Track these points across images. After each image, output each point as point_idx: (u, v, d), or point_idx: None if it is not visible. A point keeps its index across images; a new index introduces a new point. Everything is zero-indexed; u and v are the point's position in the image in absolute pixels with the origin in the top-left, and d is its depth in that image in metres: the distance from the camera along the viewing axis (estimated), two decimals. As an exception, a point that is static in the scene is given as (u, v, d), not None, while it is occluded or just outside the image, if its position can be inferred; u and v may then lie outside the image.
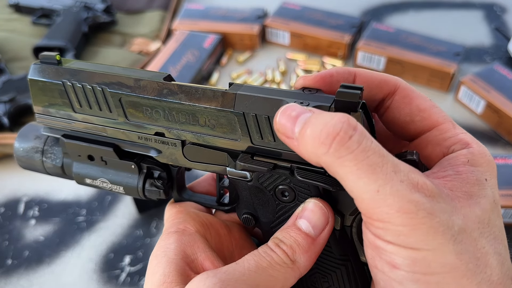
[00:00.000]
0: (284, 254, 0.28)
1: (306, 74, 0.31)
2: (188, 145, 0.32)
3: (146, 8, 1.13)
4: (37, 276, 0.66)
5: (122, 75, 0.31)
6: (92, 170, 0.36)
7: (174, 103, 0.30)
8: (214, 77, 0.96)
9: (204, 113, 0.30)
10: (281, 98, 0.27)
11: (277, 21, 1.02)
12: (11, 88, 0.85)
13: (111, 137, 0.34)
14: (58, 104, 0.34)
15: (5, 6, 1.13)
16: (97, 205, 0.75)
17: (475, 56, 1.00)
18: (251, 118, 0.28)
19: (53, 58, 0.33)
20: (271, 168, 0.29)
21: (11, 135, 0.79)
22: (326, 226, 0.29)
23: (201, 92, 0.29)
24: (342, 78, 0.31)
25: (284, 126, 0.26)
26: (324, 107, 0.26)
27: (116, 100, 0.32)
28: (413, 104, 0.30)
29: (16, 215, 0.74)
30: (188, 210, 0.35)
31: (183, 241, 0.31)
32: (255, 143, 0.29)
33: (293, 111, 0.25)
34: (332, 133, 0.23)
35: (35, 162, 0.38)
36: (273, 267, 0.28)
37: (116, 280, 0.65)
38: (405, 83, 0.31)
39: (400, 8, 1.14)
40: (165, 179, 0.35)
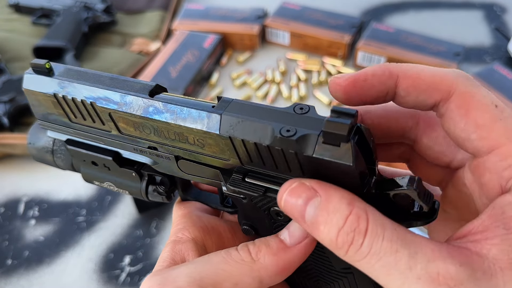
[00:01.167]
0: (246, 251, 0.28)
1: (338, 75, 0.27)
2: (182, 160, 0.31)
3: (146, 8, 1.13)
4: (37, 276, 0.66)
5: (109, 90, 0.30)
6: (98, 173, 0.36)
7: (160, 122, 0.29)
8: (214, 77, 0.96)
9: (191, 133, 0.28)
10: (269, 124, 0.25)
11: (277, 21, 1.02)
12: (11, 88, 0.85)
13: (109, 145, 0.34)
14: (55, 114, 0.34)
15: (5, 6, 1.13)
16: (97, 205, 0.75)
17: (475, 56, 1.00)
18: (238, 142, 0.26)
19: (43, 67, 0.32)
20: (262, 193, 0.28)
21: (11, 135, 0.79)
22: (304, 240, 0.28)
23: (186, 112, 0.28)
24: (379, 82, 0.26)
25: (292, 211, 0.25)
26: (312, 136, 0.24)
27: (106, 115, 0.31)
28: (470, 117, 0.24)
29: (16, 215, 0.74)
30: (191, 214, 0.34)
31: (175, 250, 0.31)
32: (245, 165, 0.28)
33: (299, 198, 0.24)
34: (347, 242, 0.23)
35: (48, 160, 0.38)
36: (226, 262, 0.27)
37: (116, 280, 0.65)
38: (465, 85, 0.24)
39: (400, 8, 1.14)
40: (167, 184, 0.35)
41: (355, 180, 0.24)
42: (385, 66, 0.26)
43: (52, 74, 0.32)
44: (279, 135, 0.24)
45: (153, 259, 0.67)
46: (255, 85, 0.93)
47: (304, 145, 0.24)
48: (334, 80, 0.27)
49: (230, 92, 0.94)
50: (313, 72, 0.96)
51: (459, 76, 0.24)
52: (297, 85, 0.93)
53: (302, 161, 0.25)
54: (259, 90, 0.93)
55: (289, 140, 0.24)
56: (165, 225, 0.72)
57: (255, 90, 0.93)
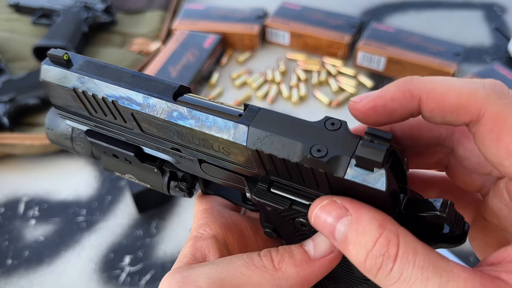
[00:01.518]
0: (269, 259, 0.27)
1: (357, 98, 0.25)
2: (205, 164, 0.30)
3: (146, 8, 1.13)
4: (37, 276, 0.66)
5: (131, 90, 0.29)
6: (119, 165, 0.36)
7: (185, 127, 0.28)
8: (214, 77, 0.96)
9: (216, 141, 0.27)
10: (298, 140, 0.24)
11: (277, 21, 1.02)
12: (11, 88, 0.85)
13: (131, 140, 0.33)
14: (74, 106, 0.32)
15: (5, 6, 1.13)
16: (97, 205, 0.75)
17: (475, 56, 1.00)
18: (266, 156, 0.26)
19: (61, 58, 0.30)
20: (288, 206, 0.27)
21: (11, 135, 0.79)
22: (329, 254, 0.27)
23: (212, 121, 0.27)
24: (400, 106, 0.24)
25: (322, 228, 0.25)
26: (344, 158, 0.23)
27: (128, 114, 0.30)
28: (502, 143, 0.22)
29: (16, 215, 0.74)
30: (213, 209, 0.34)
31: (196, 246, 0.30)
32: (271, 177, 0.27)
33: (329, 216, 0.24)
34: (376, 265, 0.23)
35: (67, 146, 0.38)
36: (248, 266, 0.27)
37: (116, 280, 0.65)
38: (496, 105, 0.22)
39: (400, 8, 1.14)
40: (189, 181, 0.34)
41: (386, 203, 0.24)
42: (405, 85, 0.24)
43: (71, 65, 0.31)
44: (309, 155, 0.24)
45: (153, 259, 0.68)
46: (255, 85, 0.93)
47: (335, 167, 0.23)
48: (353, 104, 0.25)
49: (230, 92, 0.94)
50: (313, 72, 0.96)
51: (490, 94, 0.22)
52: (297, 85, 0.93)
53: (331, 180, 0.24)
54: (259, 90, 0.93)
55: (319, 161, 0.23)
56: (165, 225, 0.72)
57: (255, 90, 0.93)
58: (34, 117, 0.86)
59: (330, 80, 0.94)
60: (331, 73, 0.96)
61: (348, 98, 0.90)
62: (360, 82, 0.94)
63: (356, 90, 0.91)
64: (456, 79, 0.23)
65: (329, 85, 0.94)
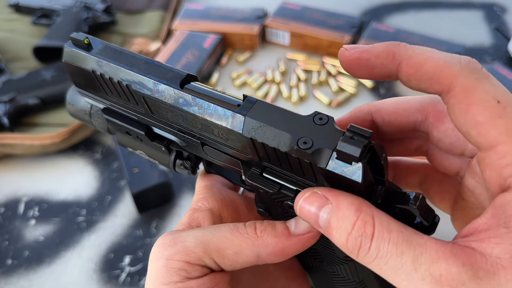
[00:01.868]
0: (252, 228, 0.30)
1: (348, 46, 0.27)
2: (207, 147, 0.33)
3: (146, 8, 1.13)
4: (37, 276, 0.66)
5: (143, 76, 0.32)
6: (132, 142, 0.39)
7: (189, 113, 0.31)
8: (214, 77, 0.96)
9: (216, 127, 0.30)
10: (288, 132, 0.27)
11: (277, 21, 1.02)
12: (11, 88, 0.85)
13: (142, 121, 0.36)
14: (92, 86, 0.35)
15: (5, 6, 1.13)
16: (97, 205, 0.75)
17: (475, 56, 1.00)
18: (259, 144, 0.28)
19: (82, 42, 0.33)
20: (277, 190, 0.30)
21: (11, 135, 0.79)
22: (307, 233, 0.30)
23: (213, 109, 0.30)
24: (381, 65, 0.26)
25: (307, 218, 0.27)
26: (327, 151, 0.25)
27: (140, 97, 0.33)
28: (469, 113, 0.23)
29: (16, 215, 0.74)
30: (212, 186, 0.36)
31: (193, 217, 0.33)
32: (264, 163, 0.30)
33: (312, 206, 0.27)
34: (356, 246, 0.25)
35: (86, 120, 0.41)
36: (232, 232, 0.30)
37: (116, 280, 0.65)
38: (467, 78, 0.24)
39: (400, 8, 1.14)
40: (193, 160, 0.37)
41: (362, 193, 0.26)
42: (391, 47, 0.25)
43: (91, 49, 0.34)
44: (296, 146, 0.26)
45: (153, 259, 0.67)
46: (255, 85, 0.93)
47: (318, 158, 0.26)
48: (342, 51, 0.27)
49: (230, 92, 0.94)
50: (313, 72, 0.96)
51: (464, 69, 0.24)
52: (297, 85, 0.93)
53: (315, 170, 0.27)
54: (259, 90, 0.93)
55: (305, 152, 0.26)
56: (165, 225, 0.72)
57: (255, 90, 0.93)
58: (34, 117, 0.86)
59: (330, 80, 0.94)
60: (331, 73, 0.96)
61: (348, 98, 0.90)
62: (360, 82, 0.94)
63: (356, 90, 0.91)
64: (437, 51, 0.25)
65: (329, 85, 0.94)
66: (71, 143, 0.82)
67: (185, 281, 0.29)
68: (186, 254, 0.29)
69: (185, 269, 0.29)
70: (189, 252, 0.29)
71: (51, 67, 0.90)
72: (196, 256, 0.29)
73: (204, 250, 0.29)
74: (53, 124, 0.83)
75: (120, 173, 0.79)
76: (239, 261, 0.30)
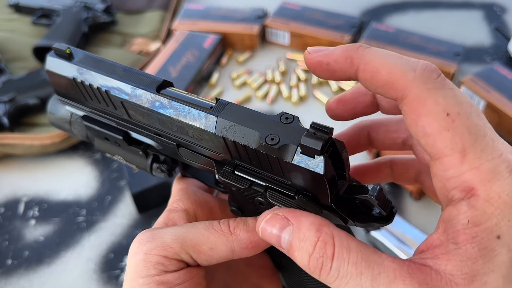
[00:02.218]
0: (226, 225, 0.32)
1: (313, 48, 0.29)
2: (182, 148, 0.35)
3: (146, 8, 1.13)
4: (37, 276, 0.66)
5: (122, 82, 0.34)
6: (110, 147, 0.40)
7: (164, 115, 0.32)
8: (214, 77, 0.96)
9: (190, 128, 0.32)
10: (256, 130, 0.29)
11: (277, 21, 1.02)
12: (11, 88, 0.85)
13: (120, 126, 0.37)
14: (73, 94, 0.37)
15: (5, 6, 1.13)
16: (97, 205, 0.75)
17: (475, 56, 1.00)
18: (230, 142, 0.30)
19: (64, 52, 0.35)
20: (247, 186, 0.31)
21: (11, 135, 0.79)
22: None
23: (187, 111, 0.31)
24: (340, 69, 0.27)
25: (269, 239, 0.28)
26: (292, 146, 0.27)
27: (118, 102, 0.34)
28: (419, 124, 0.23)
29: (16, 215, 0.74)
30: (187, 188, 0.38)
31: (169, 217, 0.35)
32: (235, 161, 0.32)
33: (274, 228, 0.28)
34: (318, 266, 0.25)
35: (66, 129, 0.43)
36: (207, 229, 0.31)
37: (116, 280, 0.65)
38: (419, 88, 0.23)
39: (400, 8, 1.14)
40: (169, 163, 0.39)
41: (324, 185, 0.28)
42: (349, 52, 0.26)
43: (72, 58, 0.36)
44: (264, 142, 0.28)
45: (153, 259, 0.67)
46: (255, 85, 0.93)
47: (284, 153, 0.28)
48: (305, 54, 0.29)
49: (230, 92, 0.94)
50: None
51: (417, 77, 0.24)
52: (297, 85, 0.93)
53: (282, 165, 0.29)
54: (259, 90, 0.93)
55: (272, 147, 0.28)
56: (165, 225, 0.72)
57: (255, 90, 0.93)
58: (34, 117, 0.86)
59: (330, 80, 0.94)
60: (331, 73, 0.96)
61: (348, 98, 0.90)
62: (360, 82, 0.94)
63: (356, 90, 0.91)
64: (396, 56, 0.25)
65: (329, 85, 0.94)
66: (71, 143, 0.82)
67: (162, 274, 0.30)
68: (164, 249, 0.30)
69: (163, 263, 0.30)
70: (167, 247, 0.30)
71: (51, 67, 0.90)
72: (173, 251, 0.30)
73: (181, 245, 0.30)
74: (53, 124, 0.84)
75: (120, 173, 0.79)
76: (215, 256, 0.31)
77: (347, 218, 0.30)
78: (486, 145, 0.22)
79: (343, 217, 0.30)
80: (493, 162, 0.22)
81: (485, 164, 0.22)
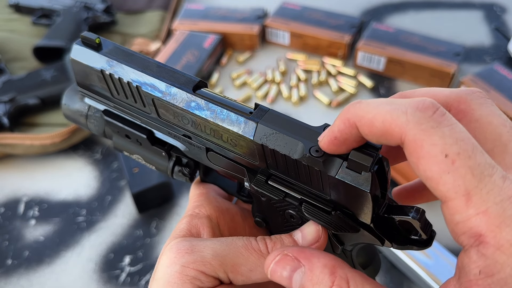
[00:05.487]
0: (264, 244, 0.30)
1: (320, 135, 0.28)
2: (211, 152, 0.33)
3: (146, 8, 1.13)
4: (37, 276, 0.66)
5: (156, 78, 0.32)
6: (129, 145, 0.38)
7: (200, 117, 0.31)
8: (214, 77, 0.96)
9: (226, 132, 0.30)
10: (299, 141, 0.27)
11: (277, 21, 1.02)
12: (11, 88, 0.85)
13: (145, 124, 0.35)
14: (98, 86, 0.35)
15: (5, 6, 1.13)
16: (97, 205, 0.75)
17: (475, 56, 1.00)
18: (269, 150, 0.29)
19: (93, 41, 0.33)
20: (281, 198, 0.30)
21: (11, 135, 0.79)
22: (315, 243, 0.30)
23: (226, 114, 0.30)
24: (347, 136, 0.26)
25: (280, 281, 0.27)
26: (338, 161, 0.26)
27: (149, 99, 0.32)
28: (420, 167, 0.22)
29: (16, 215, 0.74)
30: (208, 193, 0.36)
31: (192, 223, 0.33)
32: (271, 170, 0.30)
33: (284, 270, 0.27)
34: None
35: (80, 123, 0.40)
36: (247, 248, 0.30)
37: (116, 280, 0.65)
38: (414, 131, 0.22)
39: (400, 8, 1.14)
40: (192, 167, 0.37)
41: (368, 203, 0.26)
42: (344, 115, 0.25)
43: (101, 49, 0.33)
44: (308, 154, 0.27)
45: (153, 259, 0.67)
46: (255, 85, 0.93)
47: (329, 166, 0.26)
48: (319, 141, 0.27)
49: (230, 92, 0.94)
50: (313, 72, 0.96)
51: (410, 120, 0.22)
52: (297, 85, 0.93)
53: (324, 179, 0.27)
54: (259, 90, 0.93)
55: (316, 160, 0.27)
56: (165, 225, 0.72)
57: (255, 90, 0.93)
58: (34, 117, 0.86)
59: (330, 80, 0.94)
60: (331, 73, 0.96)
61: (348, 98, 0.90)
62: (360, 82, 0.94)
63: (356, 90, 0.91)
64: (386, 103, 0.24)
65: (329, 85, 0.94)
66: (71, 143, 0.82)
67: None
68: (203, 265, 0.29)
69: (200, 278, 0.29)
70: (206, 263, 0.29)
71: (51, 67, 0.90)
72: (212, 268, 0.29)
73: (220, 263, 0.29)
74: (53, 124, 0.83)
75: (120, 173, 0.79)
76: (252, 277, 0.30)
77: (384, 239, 0.28)
78: (493, 186, 0.21)
79: (380, 237, 0.28)
80: (502, 205, 0.20)
81: (493, 208, 0.20)
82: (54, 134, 0.80)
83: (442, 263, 0.60)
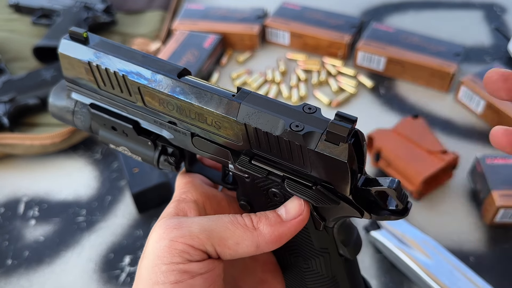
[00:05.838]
0: (249, 220, 0.32)
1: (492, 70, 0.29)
2: (196, 137, 0.34)
3: (146, 8, 1.13)
4: (37, 276, 0.66)
5: (141, 67, 0.33)
6: (115, 138, 0.39)
7: (185, 102, 0.32)
8: (214, 77, 0.96)
9: (211, 115, 0.31)
10: (281, 118, 0.29)
11: (277, 21, 1.02)
12: (11, 88, 0.85)
13: (131, 114, 0.37)
14: (85, 79, 0.36)
15: (5, 6, 1.13)
16: (97, 205, 0.75)
17: (475, 56, 1.00)
18: (252, 129, 0.30)
19: (81, 35, 0.34)
20: (265, 176, 0.31)
21: (11, 135, 0.79)
22: (298, 217, 0.32)
23: (209, 97, 0.31)
24: None
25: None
26: (317, 133, 0.28)
27: (135, 88, 0.34)
28: None
29: (16, 215, 0.74)
30: (194, 181, 0.38)
31: (179, 207, 0.35)
32: (253, 150, 0.32)
33: None
34: None
35: (67, 120, 0.41)
36: (233, 223, 0.32)
37: (116, 280, 0.65)
38: None
39: (400, 8, 1.14)
40: (178, 156, 0.38)
41: (346, 174, 0.28)
42: None
43: (88, 43, 0.35)
44: (288, 129, 0.28)
45: (153, 259, 0.67)
46: (255, 85, 0.93)
47: (308, 140, 0.28)
48: (488, 76, 0.29)
49: (230, 92, 0.94)
50: (313, 72, 0.96)
51: None
52: (297, 85, 0.93)
53: (304, 153, 0.29)
54: (259, 90, 0.93)
55: (297, 134, 0.28)
56: (165, 225, 0.72)
57: (255, 90, 0.93)
58: (34, 117, 0.86)
59: (330, 80, 0.94)
60: (331, 73, 0.96)
61: (348, 98, 0.90)
62: (360, 82, 0.94)
63: (356, 90, 0.91)
64: None
65: (329, 85, 0.94)
66: (71, 143, 0.82)
67: (186, 263, 0.30)
68: (191, 238, 0.30)
69: (188, 252, 0.30)
70: (194, 237, 0.30)
71: (51, 67, 0.90)
72: (200, 242, 0.30)
73: (208, 237, 0.31)
74: (53, 124, 0.83)
75: (120, 173, 0.79)
76: (239, 251, 0.31)
77: (364, 210, 0.30)
78: None
79: (359, 209, 0.30)
80: None
81: None
82: (54, 134, 0.80)
83: (442, 263, 0.60)
